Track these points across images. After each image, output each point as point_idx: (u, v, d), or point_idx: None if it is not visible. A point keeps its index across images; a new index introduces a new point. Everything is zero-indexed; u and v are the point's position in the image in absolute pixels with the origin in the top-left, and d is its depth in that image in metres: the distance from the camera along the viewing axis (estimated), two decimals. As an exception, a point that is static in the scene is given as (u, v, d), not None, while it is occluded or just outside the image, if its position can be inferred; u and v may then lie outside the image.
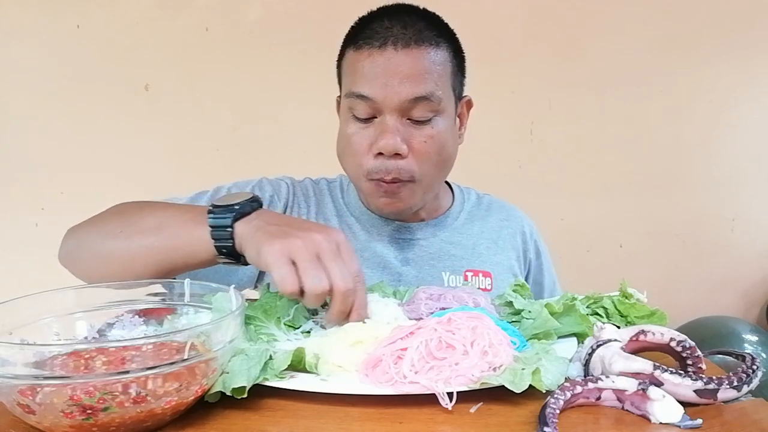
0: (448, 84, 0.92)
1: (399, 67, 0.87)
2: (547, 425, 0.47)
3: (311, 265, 0.65)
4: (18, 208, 2.11)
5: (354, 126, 0.91)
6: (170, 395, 0.49)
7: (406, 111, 0.88)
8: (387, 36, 0.88)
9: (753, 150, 2.26)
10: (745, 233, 2.28)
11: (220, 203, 0.73)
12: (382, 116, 0.89)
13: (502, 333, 0.60)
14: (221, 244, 0.72)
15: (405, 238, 1.03)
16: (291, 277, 0.64)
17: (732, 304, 2.33)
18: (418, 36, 0.88)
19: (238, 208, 0.72)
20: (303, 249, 0.65)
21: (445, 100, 0.91)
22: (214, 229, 0.72)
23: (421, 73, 0.87)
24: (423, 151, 0.90)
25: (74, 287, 0.64)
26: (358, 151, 0.91)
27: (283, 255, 0.65)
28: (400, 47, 0.87)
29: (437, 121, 0.90)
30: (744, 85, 2.22)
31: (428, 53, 0.89)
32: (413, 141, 0.89)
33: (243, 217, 0.72)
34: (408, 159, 0.89)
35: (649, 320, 0.70)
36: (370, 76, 0.88)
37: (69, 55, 2.07)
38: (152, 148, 2.11)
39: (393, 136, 0.87)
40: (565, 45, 2.17)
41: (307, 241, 0.66)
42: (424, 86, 0.87)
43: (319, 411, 0.54)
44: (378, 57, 0.88)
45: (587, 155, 2.22)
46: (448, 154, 0.95)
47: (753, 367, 0.54)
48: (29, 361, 0.48)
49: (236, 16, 2.10)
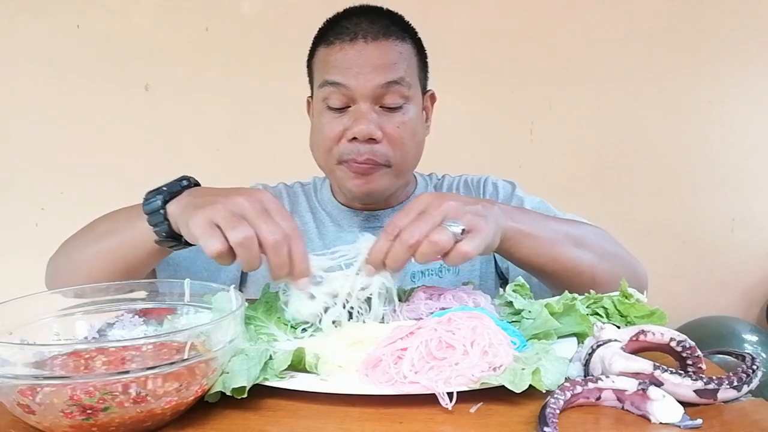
0: (414, 75, 0.97)
1: (370, 57, 0.91)
2: (547, 425, 0.47)
3: (233, 221, 0.64)
4: (18, 208, 2.11)
5: (328, 116, 0.95)
6: (170, 395, 0.49)
7: (378, 98, 0.92)
8: (357, 30, 0.93)
9: (753, 150, 2.26)
10: (745, 233, 2.28)
11: (151, 189, 0.73)
12: (356, 105, 0.92)
13: (502, 333, 0.60)
14: (159, 228, 0.72)
15: (374, 226, 1.05)
16: (214, 237, 0.63)
17: (732, 304, 2.33)
18: (385, 30, 0.94)
19: (166, 189, 0.72)
20: (224, 210, 0.64)
21: (414, 88, 0.96)
22: (149, 216, 0.72)
23: (391, 61, 0.93)
24: (397, 137, 0.94)
25: (74, 287, 0.65)
26: (331, 138, 0.94)
27: (206, 222, 0.64)
28: (370, 40, 0.92)
29: (408, 108, 0.95)
30: (744, 85, 2.22)
31: (395, 45, 0.94)
32: (386, 127, 0.93)
33: (173, 198, 0.72)
34: (383, 144, 0.93)
35: (649, 320, 0.70)
36: (343, 66, 0.92)
37: (69, 55, 2.07)
38: (152, 148, 2.11)
39: (367, 122, 0.91)
40: (565, 45, 2.17)
41: (229, 204, 0.65)
42: (394, 72, 0.92)
43: (319, 411, 0.54)
44: (350, 49, 0.92)
45: (587, 155, 2.22)
46: (418, 141, 0.99)
47: (753, 367, 0.54)
48: (29, 361, 0.48)
49: (236, 16, 2.10)
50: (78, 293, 0.64)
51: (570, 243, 0.83)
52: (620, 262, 0.89)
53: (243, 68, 2.11)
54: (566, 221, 0.89)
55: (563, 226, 0.85)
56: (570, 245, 0.82)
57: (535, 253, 0.80)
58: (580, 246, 0.83)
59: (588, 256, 0.83)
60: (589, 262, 0.83)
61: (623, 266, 0.88)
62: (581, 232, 0.86)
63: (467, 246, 0.68)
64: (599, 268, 0.84)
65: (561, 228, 0.84)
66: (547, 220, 0.85)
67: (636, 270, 0.91)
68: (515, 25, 2.15)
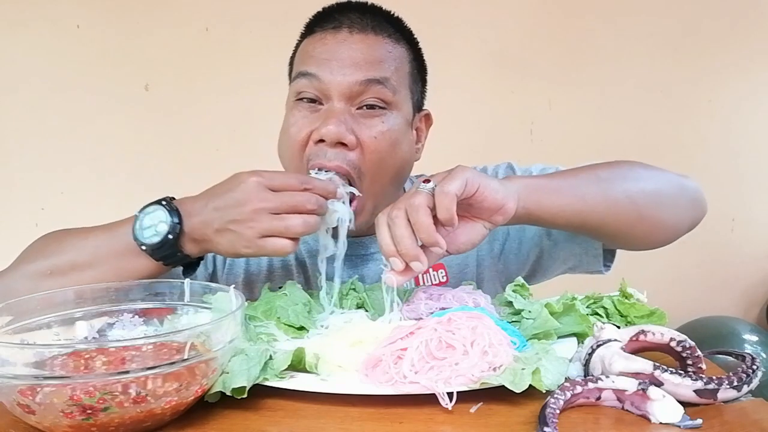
0: (405, 82, 0.85)
1: (351, 51, 0.80)
2: (547, 425, 0.47)
3: (277, 224, 0.68)
4: (18, 208, 2.11)
5: (297, 113, 0.83)
6: (170, 395, 0.49)
7: (355, 97, 0.80)
8: (342, 20, 0.83)
9: (753, 150, 2.26)
10: (745, 233, 2.28)
11: (149, 240, 0.72)
12: (329, 103, 0.81)
13: (502, 333, 0.60)
14: (177, 264, 0.76)
15: (358, 254, 0.93)
16: (286, 244, 0.69)
17: (732, 304, 2.33)
18: (376, 25, 0.83)
19: (168, 228, 0.71)
20: (253, 222, 0.69)
21: (401, 95, 0.84)
22: (165, 260, 0.74)
23: (376, 60, 0.81)
24: (373, 148, 0.81)
25: (74, 287, 0.65)
26: (298, 140, 0.82)
27: (255, 241, 0.69)
28: (356, 32, 0.82)
29: (389, 117, 0.82)
30: (744, 85, 2.22)
31: (385, 44, 0.83)
32: (362, 133, 0.80)
33: (181, 236, 0.72)
34: (356, 152, 0.80)
35: (649, 320, 0.70)
36: (320, 57, 0.81)
37: (69, 55, 2.07)
38: (152, 148, 2.11)
39: (338, 122, 0.78)
40: (565, 45, 2.17)
41: (252, 219, 0.69)
42: (377, 71, 0.80)
43: (319, 411, 0.54)
44: (331, 39, 0.82)
45: (587, 155, 2.21)
46: (401, 158, 0.85)
47: (753, 367, 0.54)
48: (29, 361, 0.48)
49: (236, 16, 2.10)
50: (78, 293, 0.64)
51: (593, 179, 0.76)
52: (660, 181, 0.80)
53: (243, 68, 2.11)
54: (582, 167, 0.82)
55: (581, 170, 0.79)
56: (594, 181, 0.76)
57: (561, 203, 0.73)
58: (606, 180, 0.76)
59: (618, 185, 0.76)
60: (621, 190, 0.76)
61: (665, 184, 0.80)
62: (604, 167, 0.79)
63: (446, 186, 0.64)
64: (635, 193, 0.76)
65: (579, 172, 0.78)
66: (560, 173, 0.80)
67: (683, 185, 0.82)
68: (515, 25, 2.15)
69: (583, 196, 0.75)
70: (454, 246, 0.70)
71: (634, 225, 0.75)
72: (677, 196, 0.75)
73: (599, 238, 0.86)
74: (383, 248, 0.67)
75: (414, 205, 0.65)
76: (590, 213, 0.76)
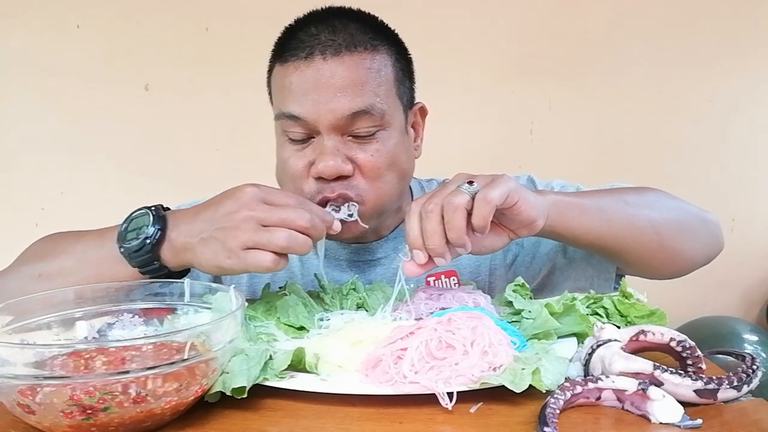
0: (391, 93, 0.83)
1: (330, 79, 0.78)
2: (547, 425, 0.47)
3: (261, 235, 0.64)
4: (18, 208, 2.11)
5: (290, 149, 0.83)
6: (170, 395, 0.49)
7: (345, 128, 0.79)
8: (313, 45, 0.79)
9: (753, 150, 2.26)
10: (745, 233, 2.28)
11: (128, 244, 0.69)
12: (320, 136, 0.80)
13: (502, 333, 0.60)
14: (153, 274, 0.71)
15: (365, 260, 0.94)
16: (266, 259, 0.64)
17: (732, 304, 2.33)
18: (349, 41, 0.79)
19: (148, 241, 0.68)
20: (239, 231, 0.65)
21: (390, 111, 0.82)
22: (141, 267, 0.70)
23: (357, 83, 0.78)
24: (371, 167, 0.80)
25: (74, 287, 0.65)
26: (296, 176, 0.82)
27: (237, 252, 0.65)
28: (330, 56, 0.78)
29: (383, 136, 0.81)
30: (744, 85, 2.22)
31: (363, 60, 0.80)
32: (358, 158, 0.80)
33: (160, 244, 0.69)
34: (356, 177, 0.80)
35: (649, 320, 0.70)
36: (298, 92, 0.79)
37: (69, 55, 2.07)
38: (152, 148, 2.11)
39: (333, 158, 0.78)
40: (565, 45, 2.17)
41: (238, 227, 0.65)
42: (361, 99, 0.78)
43: (319, 411, 0.54)
44: (305, 69, 0.79)
45: (587, 155, 2.22)
46: (401, 169, 0.85)
47: (753, 367, 0.54)
48: (29, 361, 0.48)
49: (236, 16, 2.10)
50: (78, 293, 0.64)
51: (620, 204, 0.77)
52: (683, 213, 0.81)
53: (243, 68, 2.10)
54: (608, 189, 0.83)
55: (608, 193, 0.79)
56: (621, 206, 0.77)
57: (587, 225, 0.74)
58: (632, 205, 0.77)
59: (644, 213, 0.77)
60: (646, 219, 0.77)
61: (688, 216, 0.81)
62: (630, 193, 0.80)
63: (489, 193, 0.63)
64: (660, 223, 0.77)
65: (606, 194, 0.79)
66: (588, 193, 0.80)
67: (705, 219, 0.83)
68: (515, 25, 2.15)
69: (608, 220, 0.76)
70: (476, 248, 0.70)
71: (654, 254, 0.76)
72: (698, 230, 0.77)
73: (616, 263, 0.86)
74: (410, 238, 0.67)
75: (453, 204, 0.64)
76: (614, 237, 0.77)
